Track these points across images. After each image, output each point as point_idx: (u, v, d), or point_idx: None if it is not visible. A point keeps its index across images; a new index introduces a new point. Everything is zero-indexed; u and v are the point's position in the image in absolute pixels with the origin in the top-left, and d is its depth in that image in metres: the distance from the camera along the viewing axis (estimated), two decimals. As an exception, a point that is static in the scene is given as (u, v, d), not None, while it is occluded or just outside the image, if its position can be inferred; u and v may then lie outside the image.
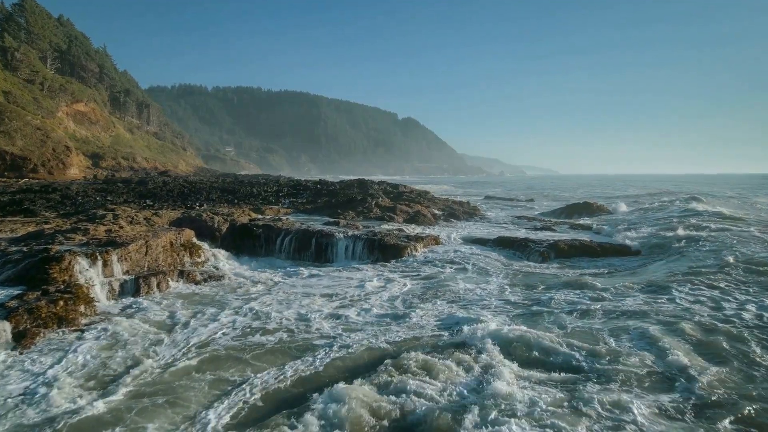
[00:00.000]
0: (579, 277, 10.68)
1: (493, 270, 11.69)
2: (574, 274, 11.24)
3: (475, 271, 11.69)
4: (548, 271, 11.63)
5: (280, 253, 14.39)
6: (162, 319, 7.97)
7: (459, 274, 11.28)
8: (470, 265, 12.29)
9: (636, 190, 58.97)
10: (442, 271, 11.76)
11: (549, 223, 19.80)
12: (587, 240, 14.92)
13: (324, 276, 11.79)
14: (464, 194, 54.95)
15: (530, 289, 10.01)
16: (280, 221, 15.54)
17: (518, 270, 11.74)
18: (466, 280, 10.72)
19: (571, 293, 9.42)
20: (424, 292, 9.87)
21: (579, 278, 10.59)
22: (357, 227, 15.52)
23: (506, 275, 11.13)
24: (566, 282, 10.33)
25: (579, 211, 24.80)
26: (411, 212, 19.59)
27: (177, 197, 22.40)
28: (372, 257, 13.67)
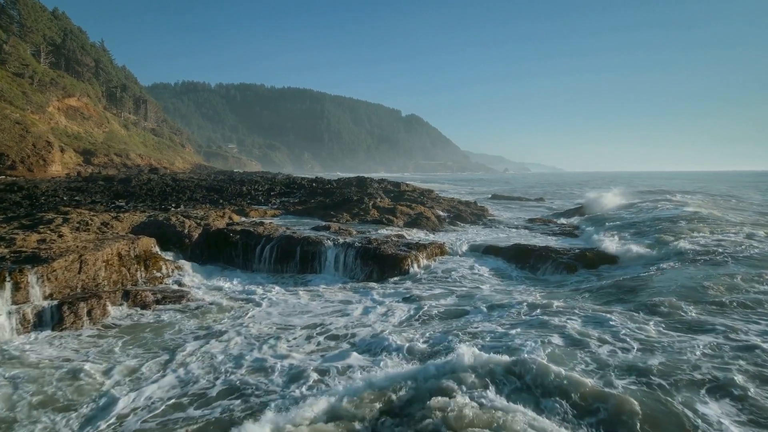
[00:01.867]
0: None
1: (516, 298, 9.39)
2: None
3: (494, 291, 9.62)
4: (589, 299, 9.54)
5: (260, 263, 12.41)
6: (56, 376, 5.74)
7: (471, 301, 9.12)
8: (486, 286, 10.21)
9: (645, 187, 56.63)
10: (452, 290, 9.72)
11: (568, 227, 17.72)
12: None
13: (307, 296, 9.77)
14: (469, 192, 52.87)
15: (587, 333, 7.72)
16: (261, 225, 13.54)
17: (549, 293, 9.59)
18: (487, 318, 8.55)
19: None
20: (428, 329, 7.83)
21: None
22: (350, 233, 13.51)
23: (532, 305, 8.68)
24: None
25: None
26: (413, 214, 17.55)
27: (157, 197, 20.46)
28: (366, 269, 11.66)
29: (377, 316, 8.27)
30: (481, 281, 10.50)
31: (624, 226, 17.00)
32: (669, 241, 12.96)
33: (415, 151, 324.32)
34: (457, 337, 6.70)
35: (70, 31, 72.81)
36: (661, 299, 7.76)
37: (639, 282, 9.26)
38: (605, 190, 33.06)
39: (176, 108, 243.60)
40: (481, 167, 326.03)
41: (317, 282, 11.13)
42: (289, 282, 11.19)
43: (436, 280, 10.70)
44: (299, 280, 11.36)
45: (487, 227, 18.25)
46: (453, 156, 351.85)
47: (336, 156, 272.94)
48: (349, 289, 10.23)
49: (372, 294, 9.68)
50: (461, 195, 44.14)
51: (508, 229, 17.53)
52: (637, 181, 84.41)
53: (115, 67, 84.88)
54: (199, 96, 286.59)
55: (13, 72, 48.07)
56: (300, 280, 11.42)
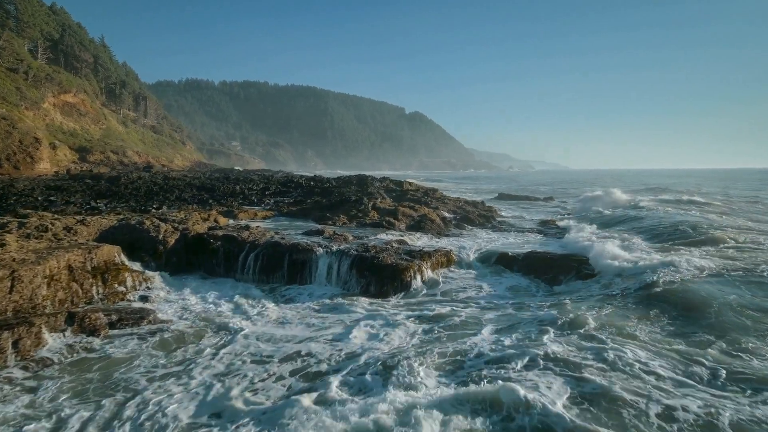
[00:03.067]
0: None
1: (541, 323, 7.92)
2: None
3: (508, 317, 8.17)
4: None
5: (244, 273, 11.02)
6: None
7: (487, 327, 7.63)
8: (507, 302, 8.76)
9: (654, 184, 54.80)
10: (462, 312, 8.28)
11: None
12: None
13: (293, 315, 8.37)
14: (474, 191, 51.35)
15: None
16: (247, 230, 12.14)
17: (587, 317, 8.09)
18: (507, 346, 7.14)
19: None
20: (435, 365, 6.40)
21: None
22: (346, 238, 12.08)
23: (560, 333, 7.23)
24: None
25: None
26: (416, 217, 16.10)
27: (142, 197, 19.13)
28: (362, 281, 10.24)
29: (369, 346, 6.83)
30: (495, 302, 9.01)
31: (645, 229, 15.50)
32: (704, 249, 11.45)
33: (419, 149, 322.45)
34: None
35: (68, 27, 71.63)
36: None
37: (692, 301, 7.79)
38: (621, 188, 31.52)
39: (180, 106, 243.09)
40: (485, 165, 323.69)
41: (306, 296, 9.73)
42: (275, 295, 9.80)
43: (443, 299, 9.26)
44: (286, 293, 9.95)
45: (496, 230, 16.77)
46: (457, 153, 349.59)
47: (340, 154, 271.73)
48: (340, 307, 8.80)
49: (365, 316, 8.24)
50: (466, 193, 42.65)
51: (520, 233, 16.04)
52: (646, 179, 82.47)
53: (115, 64, 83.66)
54: (203, 94, 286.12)
55: (7, 67, 46.89)
56: (287, 293, 10.02)
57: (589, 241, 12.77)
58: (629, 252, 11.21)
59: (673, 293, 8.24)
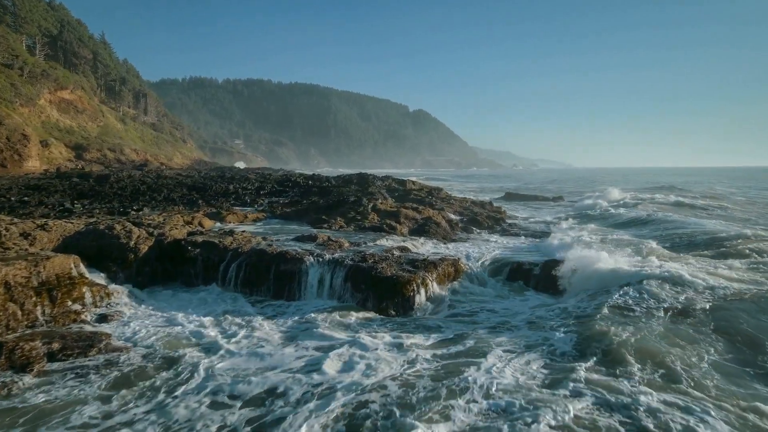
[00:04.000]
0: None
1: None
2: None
3: (524, 348, 6.84)
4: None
5: (225, 284, 9.76)
6: None
7: (496, 361, 6.29)
8: (523, 323, 7.46)
9: (666, 183, 53.11)
10: (470, 338, 6.98)
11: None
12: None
13: (271, 342, 7.08)
14: (479, 190, 49.96)
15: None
16: (231, 235, 10.87)
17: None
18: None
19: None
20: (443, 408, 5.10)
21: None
22: (341, 245, 10.79)
23: (589, 373, 5.84)
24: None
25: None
26: (419, 219, 14.78)
27: (127, 197, 17.92)
28: (357, 296, 8.96)
29: (353, 383, 5.54)
30: (509, 324, 7.69)
31: (668, 237, 14.14)
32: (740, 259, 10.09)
33: (423, 147, 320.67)
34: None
35: (67, 23, 70.61)
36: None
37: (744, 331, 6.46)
38: (632, 188, 30.11)
39: (183, 104, 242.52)
40: (489, 163, 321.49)
41: (292, 314, 8.44)
42: (257, 312, 8.52)
43: (450, 320, 7.96)
44: (270, 310, 8.68)
45: (507, 234, 15.43)
46: (461, 152, 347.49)
47: (343, 152, 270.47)
48: (330, 329, 7.52)
49: (356, 343, 6.94)
50: (471, 193, 41.28)
51: (533, 237, 14.68)
52: (654, 178, 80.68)
53: (114, 60, 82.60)
54: (207, 92, 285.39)
55: (1, 63, 45.88)
56: (271, 309, 8.75)
57: (595, 250, 11.43)
58: (655, 266, 9.85)
59: (717, 316, 6.93)
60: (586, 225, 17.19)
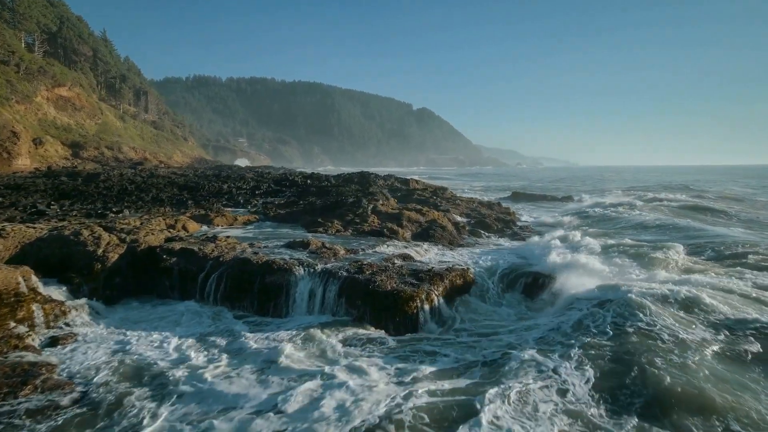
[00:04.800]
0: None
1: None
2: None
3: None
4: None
5: (204, 298, 8.65)
6: None
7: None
8: (539, 354, 6.29)
9: (680, 182, 51.60)
10: (477, 370, 5.83)
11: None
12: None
13: (244, 373, 5.94)
14: (485, 189, 48.68)
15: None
16: (213, 242, 9.75)
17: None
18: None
19: None
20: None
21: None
22: (336, 253, 9.64)
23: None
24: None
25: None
26: (423, 223, 13.61)
27: (113, 197, 16.86)
28: (353, 312, 7.83)
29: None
30: (525, 355, 6.50)
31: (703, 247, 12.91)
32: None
33: (427, 145, 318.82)
34: None
35: (67, 19, 69.76)
36: None
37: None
38: (644, 188, 28.79)
39: (187, 102, 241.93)
40: (493, 161, 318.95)
41: (276, 332, 7.31)
42: (237, 331, 7.39)
43: (457, 347, 6.79)
44: (252, 329, 7.55)
45: (518, 238, 14.22)
46: (465, 150, 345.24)
47: (346, 150, 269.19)
48: (312, 356, 6.39)
49: (343, 371, 5.81)
50: (476, 192, 40.05)
51: (550, 242, 13.44)
52: (665, 177, 79.03)
53: (115, 57, 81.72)
54: (210, 90, 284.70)
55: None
56: (253, 328, 7.63)
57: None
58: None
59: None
60: (593, 229, 15.90)
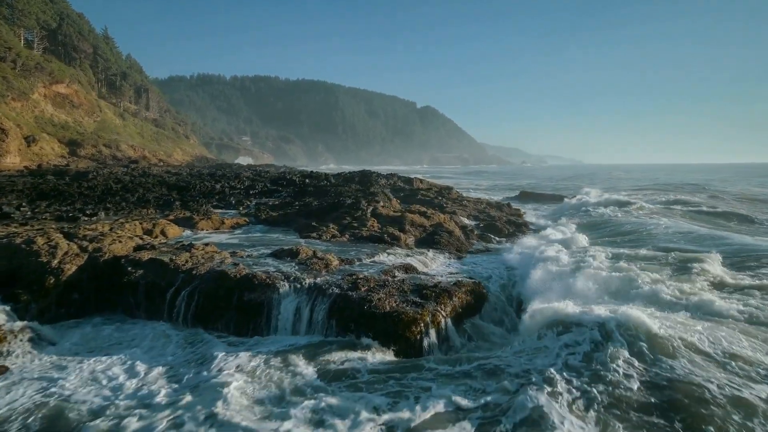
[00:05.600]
0: None
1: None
2: None
3: None
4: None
5: (173, 318, 7.46)
6: None
7: None
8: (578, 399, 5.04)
9: (702, 182, 49.89)
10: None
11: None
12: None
13: (197, 411, 4.76)
14: (491, 188, 47.39)
15: None
16: (188, 251, 8.56)
17: None
18: None
19: None
20: None
21: None
22: (328, 263, 8.41)
23: None
24: None
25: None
26: (428, 226, 12.37)
27: (95, 198, 15.75)
28: (345, 336, 6.64)
29: None
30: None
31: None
32: None
33: (431, 144, 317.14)
34: None
35: (67, 16, 68.93)
36: None
37: None
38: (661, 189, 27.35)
39: (191, 100, 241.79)
40: (497, 159, 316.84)
41: (255, 357, 6.11)
42: (211, 356, 6.20)
43: (462, 383, 5.53)
44: (227, 353, 6.35)
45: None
46: (469, 148, 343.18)
47: (350, 148, 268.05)
48: (276, 394, 5.17)
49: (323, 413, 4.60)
50: (482, 191, 38.78)
51: (570, 252, 12.15)
52: (675, 176, 77.29)
53: (115, 54, 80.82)
54: (214, 88, 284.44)
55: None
56: (229, 352, 6.42)
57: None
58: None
59: None
60: (606, 238, 14.52)
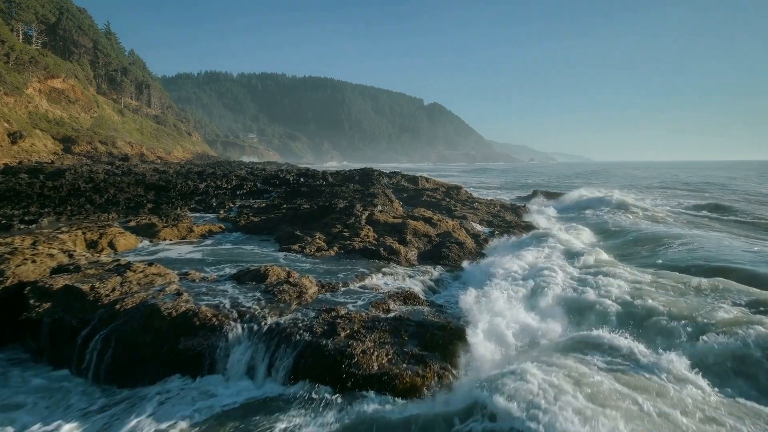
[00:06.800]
0: None
1: None
2: None
3: None
4: None
5: (82, 370, 5.48)
6: None
7: None
8: None
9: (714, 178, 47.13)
10: None
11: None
12: None
13: None
14: (500, 185, 45.12)
15: None
16: (121, 275, 6.59)
17: None
18: None
19: None
20: None
21: None
22: (302, 291, 6.38)
23: None
24: None
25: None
26: (434, 236, 10.32)
27: (57, 199, 13.91)
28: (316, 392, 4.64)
29: None
30: None
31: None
32: None
33: (438, 141, 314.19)
34: None
35: (66, 10, 67.61)
36: None
37: None
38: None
39: (198, 98, 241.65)
40: (505, 157, 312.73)
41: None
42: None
43: None
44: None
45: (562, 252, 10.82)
46: (477, 145, 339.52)
47: (357, 146, 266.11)
48: None
49: None
50: (492, 190, 36.59)
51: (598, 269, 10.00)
52: (689, 173, 74.25)
53: (117, 50, 79.44)
54: (222, 86, 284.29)
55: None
56: (145, 419, 4.46)
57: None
58: None
59: None
60: (626, 250, 12.17)
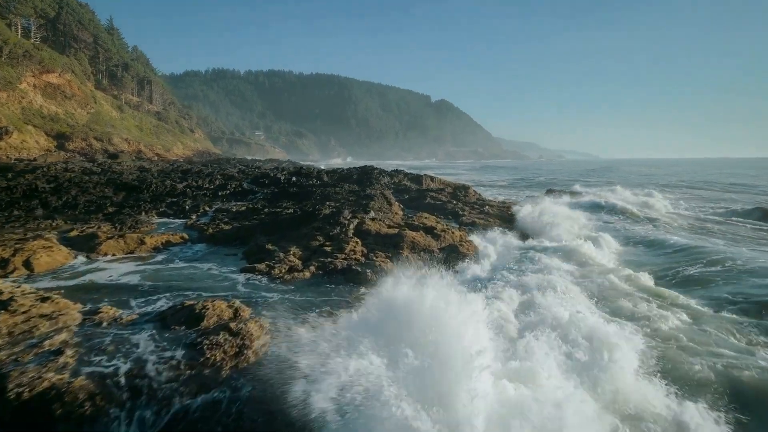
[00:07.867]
0: None
1: None
2: None
3: None
4: None
5: None
6: None
7: None
8: None
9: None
10: None
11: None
12: None
13: None
14: (509, 183, 43.04)
15: None
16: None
17: None
18: None
19: None
20: None
21: None
22: (246, 345, 4.50)
23: None
24: None
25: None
26: (436, 250, 8.39)
27: (7, 202, 12.21)
28: None
29: None
30: None
31: None
32: None
33: (446, 138, 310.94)
34: None
35: (66, 4, 66.36)
36: None
37: None
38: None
39: (206, 95, 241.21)
40: (513, 154, 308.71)
41: None
42: None
43: None
44: None
45: (586, 277, 8.85)
46: (485, 142, 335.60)
47: (363, 143, 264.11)
48: None
49: None
50: (501, 188, 34.52)
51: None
52: (705, 172, 71.23)
53: (118, 45, 78.18)
54: (229, 83, 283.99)
55: (-23, 43, 41.47)
56: None
57: None
58: None
59: None
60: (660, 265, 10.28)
